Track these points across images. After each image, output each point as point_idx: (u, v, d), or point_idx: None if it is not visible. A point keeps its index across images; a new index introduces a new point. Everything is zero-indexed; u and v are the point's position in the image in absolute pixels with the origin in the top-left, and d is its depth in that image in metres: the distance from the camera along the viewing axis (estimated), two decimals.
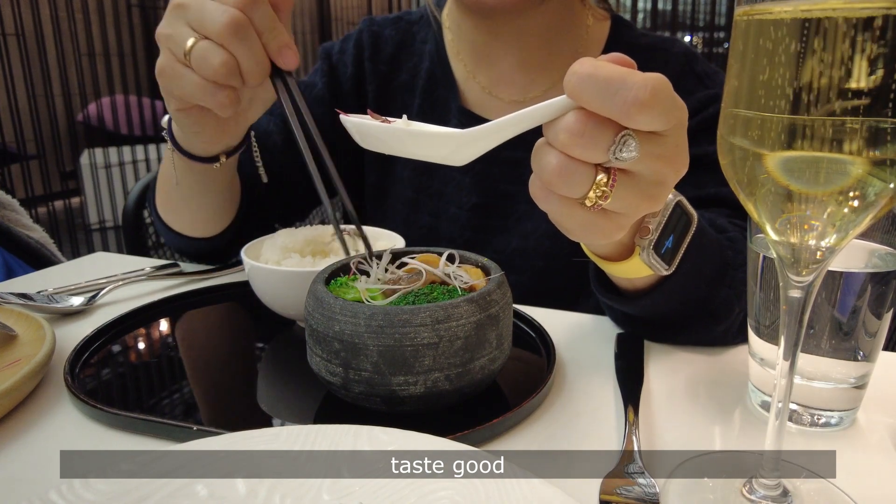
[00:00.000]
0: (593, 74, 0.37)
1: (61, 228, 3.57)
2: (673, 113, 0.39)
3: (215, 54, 0.52)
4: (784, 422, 0.39)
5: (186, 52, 0.52)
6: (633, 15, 3.84)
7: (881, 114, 0.29)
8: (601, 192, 0.40)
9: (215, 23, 0.51)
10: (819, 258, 0.35)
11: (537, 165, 0.41)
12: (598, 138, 0.38)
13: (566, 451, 0.46)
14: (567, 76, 0.38)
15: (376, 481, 0.38)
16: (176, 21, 0.53)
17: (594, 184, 0.40)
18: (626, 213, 0.43)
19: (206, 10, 0.52)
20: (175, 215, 0.80)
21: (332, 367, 0.47)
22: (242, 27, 0.51)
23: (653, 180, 0.42)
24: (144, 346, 0.63)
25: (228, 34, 0.51)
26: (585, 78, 0.37)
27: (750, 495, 0.40)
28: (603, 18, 0.85)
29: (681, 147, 0.42)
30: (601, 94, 0.37)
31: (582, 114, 0.38)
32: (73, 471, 0.43)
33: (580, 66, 0.38)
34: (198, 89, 0.54)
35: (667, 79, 0.38)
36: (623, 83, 0.36)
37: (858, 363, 0.47)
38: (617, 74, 0.37)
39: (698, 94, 0.78)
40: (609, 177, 0.40)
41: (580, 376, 0.56)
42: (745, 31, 0.33)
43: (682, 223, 0.52)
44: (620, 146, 0.38)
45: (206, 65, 0.52)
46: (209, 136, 0.66)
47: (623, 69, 0.37)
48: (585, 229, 0.43)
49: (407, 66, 0.90)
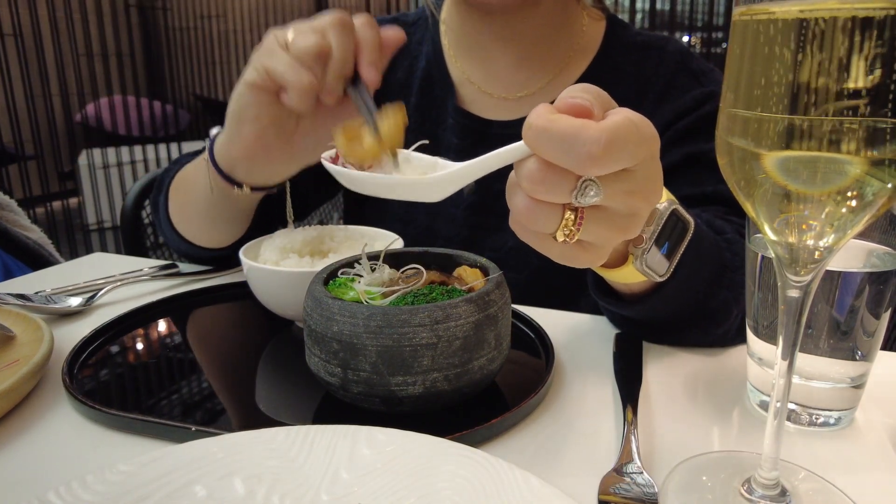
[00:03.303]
0: (547, 129, 0.37)
1: (59, 229, 3.56)
2: (639, 150, 0.39)
3: (312, 36, 0.56)
4: (782, 421, 0.39)
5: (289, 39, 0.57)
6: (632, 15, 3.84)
7: (879, 114, 0.29)
8: (569, 231, 0.41)
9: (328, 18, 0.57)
10: (817, 258, 0.35)
11: (510, 203, 0.42)
12: (559, 185, 0.39)
13: (565, 451, 0.46)
14: (524, 128, 0.38)
15: (375, 482, 0.38)
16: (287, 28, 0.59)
17: (562, 222, 0.40)
18: (600, 244, 0.43)
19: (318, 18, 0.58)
20: (188, 225, 0.80)
21: (331, 367, 0.47)
22: (346, 25, 0.56)
23: (624, 213, 0.42)
24: (143, 347, 0.63)
25: (332, 24, 0.56)
26: (540, 132, 0.37)
27: (748, 495, 0.40)
28: (598, 18, 0.85)
29: (651, 178, 0.42)
30: (556, 149, 0.37)
31: (542, 162, 0.38)
32: (71, 472, 0.43)
33: (536, 118, 0.38)
34: (285, 63, 0.56)
35: (633, 115, 0.38)
36: (576, 139, 0.36)
37: (857, 363, 0.48)
38: (570, 130, 0.37)
39: (693, 92, 0.78)
40: (577, 214, 0.40)
41: (579, 376, 0.56)
42: (743, 31, 0.33)
43: (678, 230, 0.52)
44: (581, 191, 0.39)
45: (301, 42, 0.56)
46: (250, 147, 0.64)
47: (577, 122, 0.37)
48: (564, 258, 0.44)
49: (403, 65, 0.91)
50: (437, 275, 0.54)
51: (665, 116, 0.78)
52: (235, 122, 0.63)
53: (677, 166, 0.76)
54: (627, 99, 0.83)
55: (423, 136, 0.90)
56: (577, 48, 0.84)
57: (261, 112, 0.61)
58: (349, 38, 0.57)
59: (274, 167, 0.67)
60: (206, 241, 0.80)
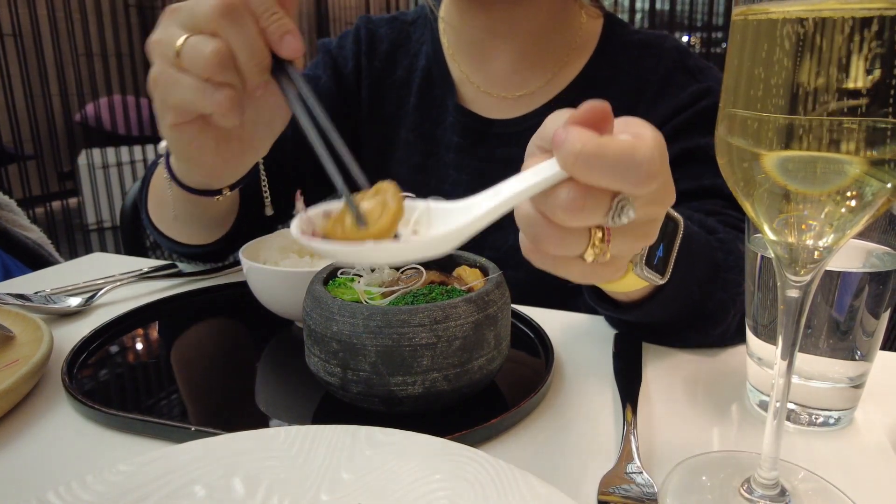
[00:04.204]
0: (600, 154, 0.33)
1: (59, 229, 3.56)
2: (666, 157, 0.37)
3: (206, 44, 0.46)
4: (782, 421, 0.39)
5: (177, 50, 0.47)
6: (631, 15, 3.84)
7: (879, 114, 0.29)
8: (600, 250, 0.38)
9: (204, 8, 0.46)
10: (817, 258, 0.35)
11: (528, 234, 0.38)
12: (597, 208, 0.35)
13: (564, 451, 0.46)
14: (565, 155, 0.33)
15: (375, 482, 0.38)
16: (168, 26, 0.49)
17: (590, 241, 0.38)
18: (624, 255, 0.41)
19: (196, 5, 0.47)
20: (166, 225, 0.79)
21: (331, 367, 0.47)
22: (234, 9, 0.46)
23: (646, 220, 0.40)
24: (142, 347, 0.63)
25: (218, 17, 0.45)
26: (592, 158, 0.33)
27: (748, 495, 0.40)
28: (596, 16, 0.86)
29: (668, 183, 0.40)
30: (611, 174, 0.34)
31: (580, 188, 0.34)
32: (71, 472, 0.43)
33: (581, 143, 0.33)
34: (193, 91, 0.47)
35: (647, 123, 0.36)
36: (633, 160, 0.33)
37: (856, 363, 0.48)
38: (626, 151, 0.33)
39: (690, 88, 0.79)
40: (604, 232, 0.38)
41: (578, 376, 0.56)
42: (742, 31, 0.33)
43: (670, 229, 0.52)
44: (618, 212, 0.35)
45: (197, 57, 0.46)
46: (208, 166, 0.58)
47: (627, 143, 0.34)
48: (585, 278, 0.41)
49: (402, 64, 0.91)
50: (437, 275, 0.54)
51: (662, 113, 0.78)
52: (184, 160, 0.60)
53: (675, 161, 0.75)
54: (625, 96, 0.83)
55: (422, 135, 0.91)
56: (575, 46, 0.85)
57: (201, 142, 0.54)
58: (247, 23, 0.46)
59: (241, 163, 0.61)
60: (189, 239, 0.79)
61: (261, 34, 0.46)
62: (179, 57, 0.47)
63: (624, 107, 0.83)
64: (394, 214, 0.35)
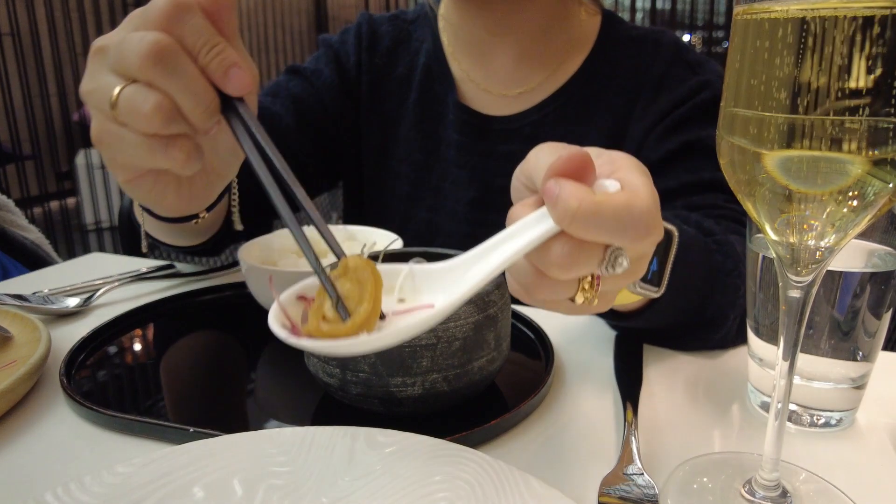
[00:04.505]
0: (598, 213, 0.32)
1: (57, 229, 3.56)
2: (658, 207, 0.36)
3: (144, 98, 0.39)
4: (783, 422, 0.39)
5: (112, 103, 0.40)
6: (632, 14, 3.85)
7: (880, 113, 0.29)
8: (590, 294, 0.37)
9: (134, 55, 0.39)
10: (818, 258, 0.35)
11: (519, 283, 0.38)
12: (590, 261, 0.35)
13: (565, 453, 0.45)
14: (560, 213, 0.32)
15: (374, 483, 0.37)
16: (98, 71, 0.42)
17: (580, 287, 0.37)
18: (613, 291, 0.40)
19: (124, 46, 0.39)
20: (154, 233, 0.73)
21: (330, 368, 0.47)
22: (167, 53, 0.39)
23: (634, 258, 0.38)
24: (140, 348, 0.63)
25: (151, 65, 0.38)
26: (590, 217, 0.32)
27: (749, 496, 0.40)
28: (594, 13, 0.86)
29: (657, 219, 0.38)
30: (608, 231, 0.33)
31: (573, 243, 0.33)
32: (68, 473, 0.43)
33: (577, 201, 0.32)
34: (142, 150, 0.41)
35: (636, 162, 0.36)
36: (630, 216, 0.33)
37: (858, 363, 0.47)
38: (623, 208, 0.33)
39: (689, 82, 0.79)
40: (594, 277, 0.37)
41: (579, 377, 0.56)
42: (744, 31, 0.33)
43: (664, 242, 0.51)
44: (612, 263, 0.35)
45: (136, 115, 0.39)
46: (173, 207, 0.51)
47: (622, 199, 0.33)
48: (574, 312, 0.40)
49: (403, 61, 0.91)
50: None
51: (662, 107, 0.79)
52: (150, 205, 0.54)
53: (675, 154, 0.76)
54: (624, 91, 0.83)
55: (423, 132, 0.91)
56: (573, 43, 0.85)
57: (160, 190, 0.48)
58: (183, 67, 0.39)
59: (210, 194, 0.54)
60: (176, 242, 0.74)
61: (202, 73, 0.40)
62: (116, 110, 0.40)
63: (623, 102, 0.83)
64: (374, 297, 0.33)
